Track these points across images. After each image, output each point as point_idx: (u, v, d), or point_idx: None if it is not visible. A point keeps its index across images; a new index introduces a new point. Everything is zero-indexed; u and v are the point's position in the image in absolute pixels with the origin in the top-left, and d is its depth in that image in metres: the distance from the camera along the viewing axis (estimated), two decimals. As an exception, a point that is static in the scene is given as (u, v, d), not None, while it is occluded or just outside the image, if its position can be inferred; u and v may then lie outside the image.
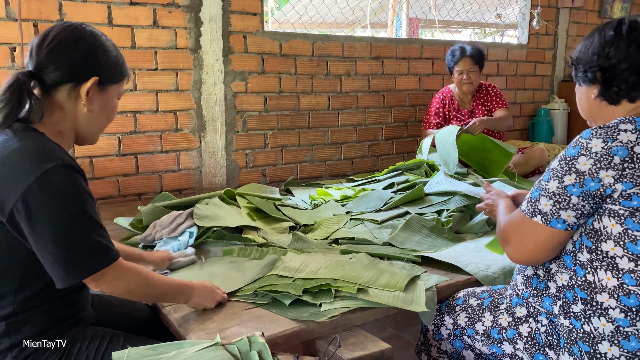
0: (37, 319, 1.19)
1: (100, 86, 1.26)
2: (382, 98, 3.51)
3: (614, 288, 1.16)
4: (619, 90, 1.21)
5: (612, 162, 1.12)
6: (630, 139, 1.13)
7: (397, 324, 2.53)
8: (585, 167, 1.15)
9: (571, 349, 1.23)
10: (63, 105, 1.23)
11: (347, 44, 3.28)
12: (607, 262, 1.17)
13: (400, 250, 1.83)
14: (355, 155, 3.47)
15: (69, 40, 1.21)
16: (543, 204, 1.21)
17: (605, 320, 1.17)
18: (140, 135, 2.69)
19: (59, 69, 1.20)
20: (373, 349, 1.28)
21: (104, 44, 1.27)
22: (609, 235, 1.17)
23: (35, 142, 1.15)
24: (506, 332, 1.36)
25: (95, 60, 1.24)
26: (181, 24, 2.71)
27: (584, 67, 1.26)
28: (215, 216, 2.02)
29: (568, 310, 1.23)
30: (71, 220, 1.11)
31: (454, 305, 1.51)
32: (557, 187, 1.18)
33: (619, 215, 1.15)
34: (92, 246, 1.14)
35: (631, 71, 1.19)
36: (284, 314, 1.38)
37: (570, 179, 1.16)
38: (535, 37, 4.25)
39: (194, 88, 2.79)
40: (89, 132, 1.30)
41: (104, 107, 1.29)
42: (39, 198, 1.09)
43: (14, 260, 1.16)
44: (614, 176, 1.12)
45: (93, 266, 1.14)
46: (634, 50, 1.18)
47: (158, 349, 1.11)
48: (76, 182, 1.14)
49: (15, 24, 2.33)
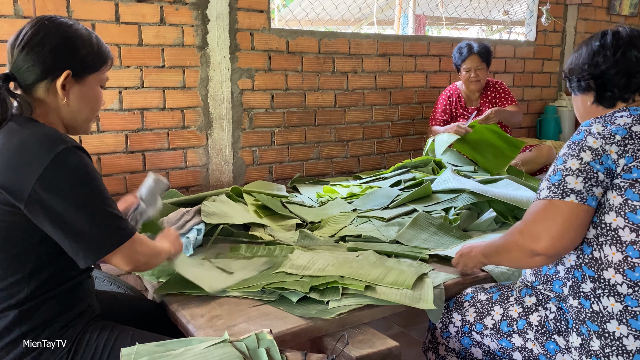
0: (47, 306, 1.20)
1: (76, 78, 1.26)
2: (388, 95, 3.50)
3: (619, 262, 1.20)
4: (613, 94, 1.32)
5: (615, 139, 1.22)
6: (627, 122, 1.24)
7: (405, 322, 2.52)
8: (596, 145, 1.22)
9: (579, 329, 1.25)
10: (45, 101, 1.25)
11: (353, 41, 3.27)
12: (611, 235, 1.22)
13: (407, 248, 1.82)
14: (361, 152, 3.46)
15: (36, 38, 1.21)
16: (573, 183, 1.20)
17: (614, 300, 1.20)
18: (147, 132, 2.70)
19: (31, 68, 1.21)
20: (381, 346, 1.28)
21: (75, 34, 1.25)
22: (611, 207, 1.22)
23: (38, 129, 1.18)
24: (516, 323, 1.37)
25: (66, 53, 1.23)
26: (188, 21, 2.71)
27: (577, 77, 1.37)
28: (223, 213, 2.02)
29: (578, 290, 1.26)
30: (88, 198, 1.15)
31: (462, 302, 1.51)
32: (579, 164, 1.22)
33: (619, 187, 1.21)
34: (115, 220, 1.18)
35: (620, 75, 1.29)
36: (291, 311, 1.38)
37: (587, 154, 1.22)
38: (543, 34, 4.22)
39: (201, 85, 2.79)
40: (75, 124, 1.31)
41: (85, 99, 1.29)
42: (56, 179, 1.12)
43: (27, 246, 1.17)
44: (617, 152, 1.21)
45: (120, 238, 1.18)
46: (620, 57, 1.29)
47: (166, 346, 1.11)
48: (87, 163, 1.18)
49: (24, 21, 2.33)
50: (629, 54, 1.29)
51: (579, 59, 1.36)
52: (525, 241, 1.26)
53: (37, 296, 1.19)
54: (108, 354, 1.23)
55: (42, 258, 1.18)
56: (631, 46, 1.29)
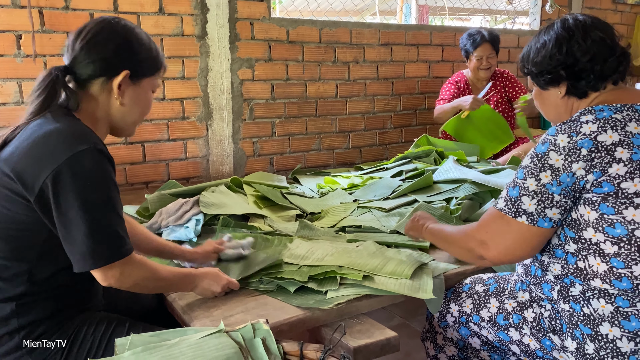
0: (47, 302, 1.20)
1: (133, 79, 1.27)
2: (390, 85, 3.47)
3: (604, 273, 1.17)
4: (588, 82, 1.24)
5: (580, 155, 1.15)
6: (592, 130, 1.16)
7: (405, 313, 2.51)
8: (558, 163, 1.17)
9: (573, 333, 1.22)
10: (97, 98, 1.26)
11: (355, 30, 3.24)
12: (593, 248, 1.18)
13: (407, 238, 1.80)
14: (363, 143, 3.43)
15: (101, 35, 1.23)
16: (527, 204, 1.20)
17: (604, 302, 1.17)
18: (147, 123, 2.68)
19: (91, 64, 1.22)
20: (379, 336, 1.27)
21: (137, 37, 1.28)
22: (587, 222, 1.18)
23: (70, 124, 1.18)
24: (512, 317, 1.35)
25: (127, 53, 1.25)
26: (187, 10, 2.68)
27: (547, 69, 1.28)
28: (222, 204, 2.00)
29: (567, 294, 1.23)
30: (94, 205, 1.12)
31: (459, 292, 1.50)
32: (536, 186, 1.19)
33: (592, 202, 1.16)
34: (110, 236, 1.15)
35: (594, 61, 1.23)
36: (289, 301, 1.37)
37: (547, 175, 1.18)
38: (547, 23, 4.17)
39: (201, 76, 2.77)
40: (123, 125, 1.32)
41: (137, 100, 1.30)
42: (66, 178, 1.10)
43: (32, 241, 1.17)
44: (585, 167, 1.15)
45: (108, 256, 1.14)
46: (591, 42, 1.23)
47: (161, 336, 1.10)
48: (105, 169, 1.15)
49: (21, 11, 2.32)
50: (597, 38, 1.23)
51: (544, 50, 1.28)
52: (475, 246, 1.29)
53: (37, 292, 1.18)
54: (105, 346, 1.22)
55: (46, 254, 1.17)
56: (596, 29, 1.23)
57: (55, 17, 2.39)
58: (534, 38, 1.35)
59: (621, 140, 1.14)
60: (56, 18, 2.39)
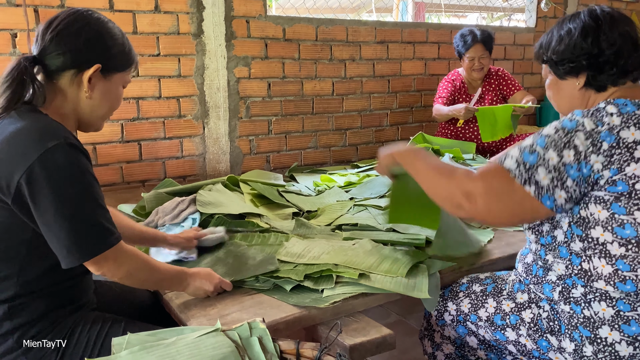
0: (39, 302, 1.19)
1: (104, 74, 1.25)
2: (387, 83, 3.47)
3: (609, 275, 1.15)
4: (609, 76, 1.22)
5: (601, 148, 1.12)
6: (615, 124, 1.13)
7: (402, 310, 2.52)
8: (582, 147, 1.12)
9: (572, 335, 1.22)
10: (65, 91, 1.23)
11: (351, 28, 3.24)
12: (600, 249, 1.16)
13: (403, 236, 1.81)
14: (360, 141, 3.44)
15: (73, 26, 1.21)
16: (542, 176, 1.13)
17: (605, 305, 1.16)
18: (143, 121, 2.68)
19: (61, 55, 1.20)
20: (375, 334, 1.27)
21: (110, 31, 1.26)
22: (596, 221, 1.16)
23: (38, 121, 1.15)
24: (509, 318, 1.35)
25: (99, 47, 1.23)
26: (183, 8, 2.68)
27: (568, 57, 1.25)
28: (218, 203, 2.00)
29: (568, 296, 1.22)
30: (72, 200, 1.11)
31: (457, 291, 1.50)
32: (558, 162, 1.12)
33: (604, 201, 1.14)
34: (93, 227, 1.13)
35: (618, 55, 1.20)
36: (285, 299, 1.37)
37: (570, 155, 1.12)
38: (543, 20, 4.17)
39: (197, 74, 2.77)
40: (91, 119, 1.30)
41: (107, 95, 1.28)
42: (41, 176, 1.08)
43: (18, 242, 1.16)
44: (603, 162, 1.11)
45: (95, 248, 1.13)
46: (618, 35, 1.20)
47: (158, 335, 1.10)
48: (79, 162, 1.13)
49: (16, 9, 2.31)
50: (624, 32, 1.20)
51: (568, 37, 1.24)
52: (460, 193, 1.17)
53: (28, 292, 1.18)
54: (100, 345, 1.22)
55: (33, 254, 1.16)
56: (625, 24, 1.21)
57: (51, 15, 2.37)
58: (556, 26, 1.30)
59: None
60: (51, 16, 2.38)
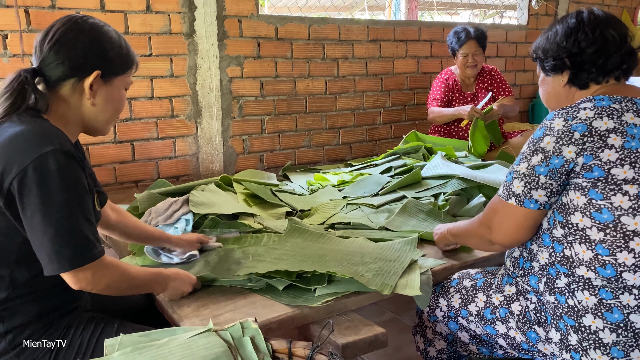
0: (32, 304, 1.19)
1: (104, 79, 1.25)
2: (380, 81, 3.48)
3: (589, 260, 1.19)
4: (589, 73, 1.29)
5: (572, 138, 1.18)
6: (588, 115, 1.20)
7: (396, 308, 2.53)
8: (549, 146, 1.21)
9: (557, 325, 1.25)
10: (68, 99, 1.24)
11: (343, 26, 3.25)
12: (580, 234, 1.21)
13: (396, 234, 1.82)
14: (353, 139, 3.45)
15: (69, 35, 1.21)
16: (516, 186, 1.27)
17: (588, 294, 1.20)
18: (135, 122, 2.68)
19: (60, 65, 1.20)
20: (367, 333, 1.28)
21: (106, 36, 1.25)
22: (575, 207, 1.21)
23: (37, 126, 1.16)
24: (498, 311, 1.37)
25: (97, 53, 1.23)
26: (175, 8, 2.67)
27: (552, 55, 1.33)
28: (211, 203, 2.01)
29: (553, 286, 1.26)
30: (60, 207, 1.10)
31: (448, 287, 1.52)
32: (526, 169, 1.25)
33: (582, 187, 1.19)
34: (77, 238, 1.12)
35: (598, 54, 1.26)
36: (278, 299, 1.38)
37: (537, 157, 1.23)
38: (535, 18, 4.19)
39: (189, 74, 2.77)
40: (96, 124, 1.30)
41: (110, 100, 1.28)
42: (31, 181, 1.09)
43: (9, 246, 1.16)
44: (576, 151, 1.18)
45: (75, 260, 1.12)
46: (598, 35, 1.27)
47: (150, 336, 1.11)
48: (70, 170, 1.13)
49: (6, 10, 2.30)
50: (606, 32, 1.26)
51: (554, 37, 1.33)
52: (484, 231, 1.37)
53: (21, 295, 1.18)
54: (94, 347, 1.22)
55: (24, 257, 1.16)
56: (608, 25, 1.27)
57: (42, 16, 2.38)
58: (547, 27, 1.40)
59: (616, 127, 1.17)
60: (42, 17, 2.38)
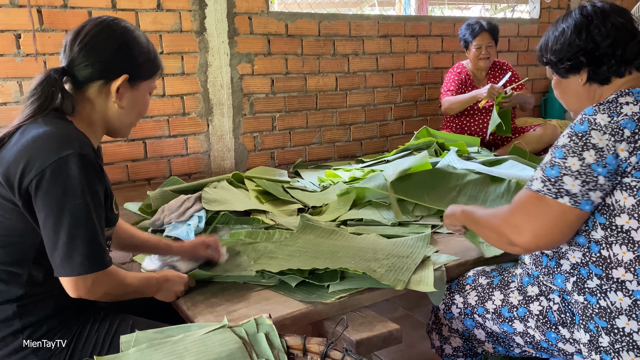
0: (48, 302, 1.20)
1: (131, 83, 1.26)
2: (390, 77, 3.46)
3: (630, 262, 1.15)
4: (609, 67, 1.22)
5: (624, 136, 1.12)
6: (634, 111, 1.14)
7: (409, 304, 2.53)
8: (602, 143, 1.12)
9: (587, 325, 1.21)
10: (94, 101, 1.25)
11: (354, 22, 3.23)
12: (622, 236, 1.16)
13: (409, 230, 1.81)
14: (364, 136, 3.43)
15: (100, 37, 1.22)
16: (569, 184, 1.14)
17: (622, 295, 1.16)
18: (147, 120, 2.69)
19: (89, 66, 1.21)
20: (381, 329, 1.28)
21: (136, 40, 1.26)
22: (622, 208, 1.15)
23: (60, 128, 1.16)
24: (517, 310, 1.35)
25: (126, 57, 1.24)
26: (185, 6, 2.68)
27: (567, 56, 1.26)
28: (223, 200, 2.01)
29: (582, 286, 1.22)
30: (74, 214, 1.11)
31: (463, 284, 1.50)
32: (580, 166, 1.13)
33: (631, 188, 1.14)
34: (88, 245, 1.13)
35: (615, 46, 1.21)
36: (291, 295, 1.38)
37: (591, 155, 1.13)
38: (547, 11, 4.14)
39: (200, 71, 2.77)
40: (119, 127, 1.31)
41: (135, 103, 1.29)
42: (49, 182, 1.10)
43: (28, 245, 1.17)
44: (628, 149, 1.12)
45: (82, 267, 1.12)
46: (611, 27, 1.21)
47: (165, 332, 1.11)
48: (88, 175, 1.13)
49: (20, 10, 2.32)
50: (616, 22, 1.21)
51: (563, 37, 1.26)
52: (507, 230, 1.23)
53: (37, 293, 1.19)
54: (109, 344, 1.23)
55: (42, 257, 1.17)
56: (616, 15, 1.22)
57: (54, 16, 2.39)
58: (551, 27, 1.32)
59: None
60: (55, 16, 2.39)
